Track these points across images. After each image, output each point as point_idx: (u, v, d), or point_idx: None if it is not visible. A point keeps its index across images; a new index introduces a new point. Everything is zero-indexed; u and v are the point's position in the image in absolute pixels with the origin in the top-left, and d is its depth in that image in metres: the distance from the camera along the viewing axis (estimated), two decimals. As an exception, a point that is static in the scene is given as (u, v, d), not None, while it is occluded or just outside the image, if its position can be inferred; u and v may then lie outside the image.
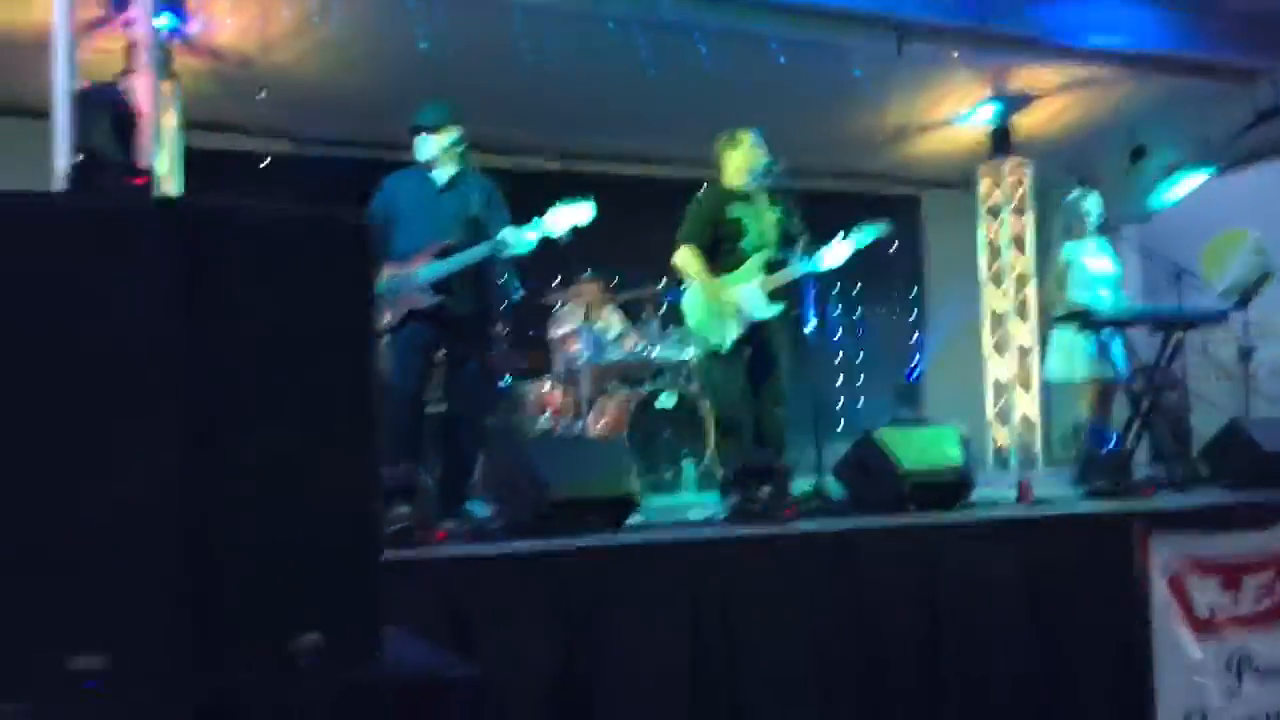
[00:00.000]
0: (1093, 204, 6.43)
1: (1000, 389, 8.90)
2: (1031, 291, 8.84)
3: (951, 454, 4.39)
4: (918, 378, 9.70)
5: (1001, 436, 9.00)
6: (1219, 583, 2.47)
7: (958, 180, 9.34)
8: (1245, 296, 6.42)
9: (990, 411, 8.83)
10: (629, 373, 6.70)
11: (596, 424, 6.38)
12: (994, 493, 4.71)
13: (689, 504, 4.63)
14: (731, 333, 4.87)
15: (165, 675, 2.10)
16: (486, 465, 4.03)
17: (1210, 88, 8.14)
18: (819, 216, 5.07)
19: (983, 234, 8.98)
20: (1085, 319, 5.86)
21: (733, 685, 3.39)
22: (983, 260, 8.96)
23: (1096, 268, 6.42)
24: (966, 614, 3.67)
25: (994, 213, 8.99)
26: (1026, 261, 8.93)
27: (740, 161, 5.02)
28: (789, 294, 4.95)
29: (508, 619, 3.17)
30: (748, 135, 5.03)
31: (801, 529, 3.82)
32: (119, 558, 2.08)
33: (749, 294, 4.91)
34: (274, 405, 2.21)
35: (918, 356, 9.91)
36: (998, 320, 8.96)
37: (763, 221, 4.99)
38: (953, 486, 4.30)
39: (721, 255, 4.92)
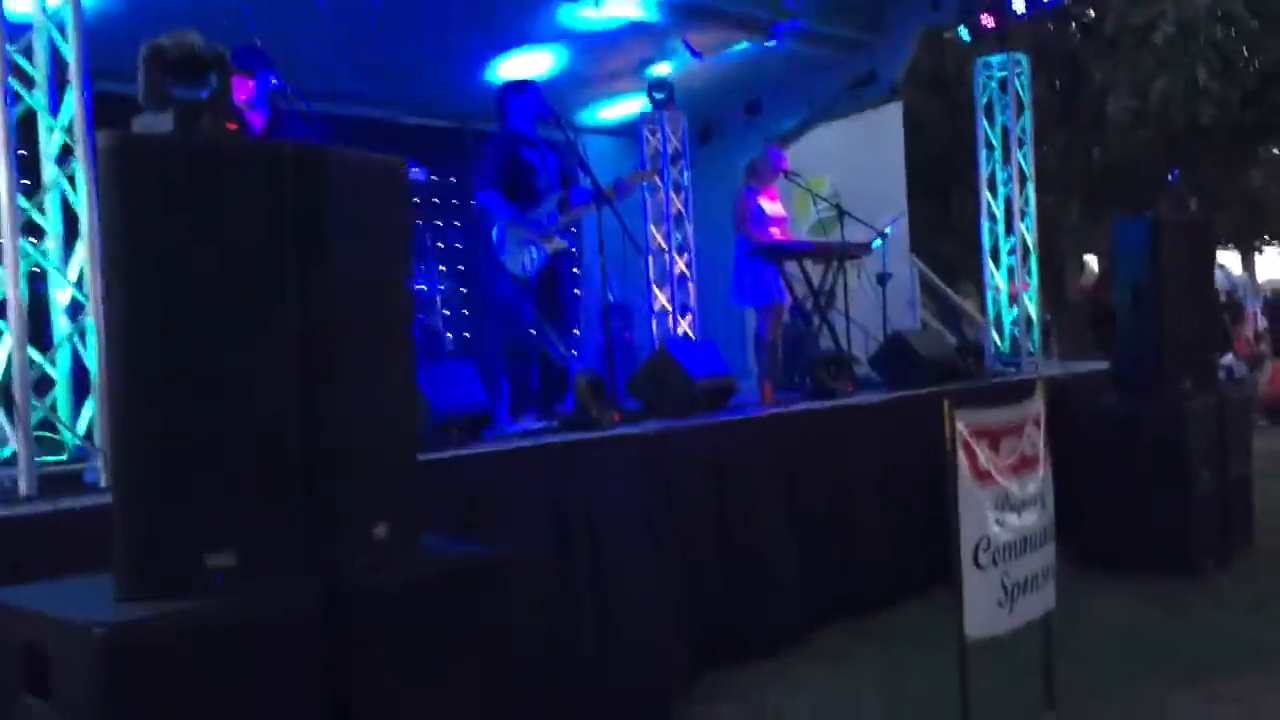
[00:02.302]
0: (777, 159, 7.54)
1: (663, 315, 9.95)
2: (689, 229, 9.94)
3: (721, 363, 5.22)
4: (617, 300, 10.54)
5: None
6: (988, 444, 3.41)
7: (619, 130, 10.28)
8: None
9: (655, 333, 9.86)
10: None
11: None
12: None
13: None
14: (534, 263, 5.36)
15: (288, 570, 2.41)
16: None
17: (820, 55, 9.62)
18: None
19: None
20: (771, 251, 6.92)
21: (596, 554, 4.05)
22: (648, 202, 9.93)
23: (772, 210, 7.54)
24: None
25: (654, 160, 9.97)
26: (680, 202, 10.01)
27: (524, 108, 5.47)
28: (576, 229, 5.52)
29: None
30: (530, 83, 5.49)
31: (628, 431, 4.49)
32: (250, 467, 2.35)
33: (549, 227, 5.42)
34: (359, 327, 2.55)
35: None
36: (659, 254, 9.98)
37: (548, 162, 5.50)
38: (725, 390, 5.14)
39: (518, 193, 5.37)
